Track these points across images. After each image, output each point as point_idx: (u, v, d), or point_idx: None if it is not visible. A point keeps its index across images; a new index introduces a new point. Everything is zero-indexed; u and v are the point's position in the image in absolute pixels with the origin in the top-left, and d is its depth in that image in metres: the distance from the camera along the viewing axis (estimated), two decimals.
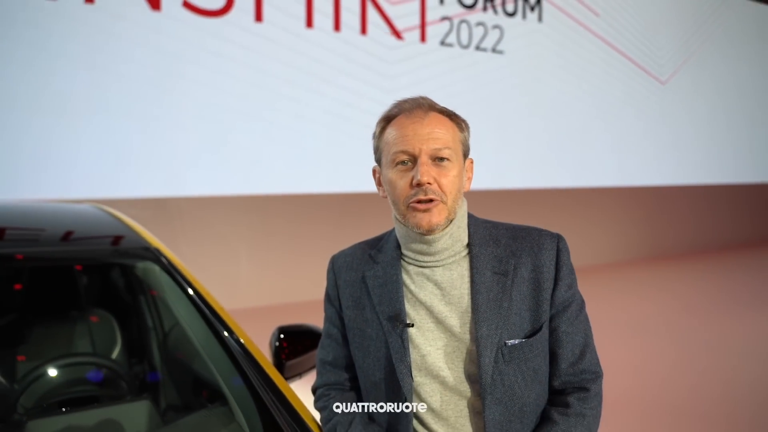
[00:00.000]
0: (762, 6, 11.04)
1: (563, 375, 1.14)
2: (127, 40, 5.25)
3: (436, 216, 1.07)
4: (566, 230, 1.19)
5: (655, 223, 9.72)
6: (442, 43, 7.08)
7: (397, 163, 1.09)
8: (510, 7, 7.63)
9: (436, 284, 1.13)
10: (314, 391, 1.27)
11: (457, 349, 1.11)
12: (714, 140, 10.30)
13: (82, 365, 1.60)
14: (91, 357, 1.69)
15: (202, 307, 1.54)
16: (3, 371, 1.61)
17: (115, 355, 1.75)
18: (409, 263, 1.15)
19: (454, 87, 7.08)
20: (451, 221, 1.11)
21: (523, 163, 7.88)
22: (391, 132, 1.10)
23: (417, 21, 6.88)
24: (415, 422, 1.14)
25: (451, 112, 1.13)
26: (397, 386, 1.11)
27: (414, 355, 1.11)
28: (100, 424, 1.26)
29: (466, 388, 1.10)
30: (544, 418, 1.13)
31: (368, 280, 1.17)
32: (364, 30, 6.53)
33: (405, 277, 1.15)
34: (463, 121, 1.14)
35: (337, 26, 6.35)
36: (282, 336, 1.70)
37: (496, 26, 7.52)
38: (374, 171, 1.18)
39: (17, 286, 1.88)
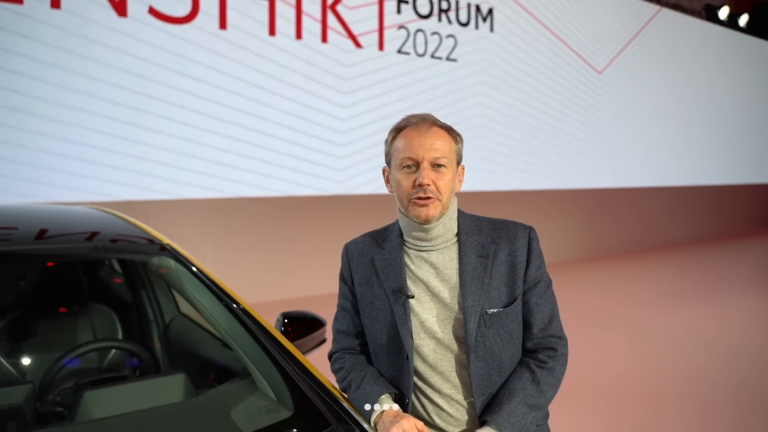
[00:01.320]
0: (696, 20, 11.88)
1: (535, 338, 1.41)
2: (93, 45, 5.32)
3: (432, 210, 1.34)
4: None
5: (597, 224, 10.31)
6: (399, 51, 7.39)
7: (404, 167, 1.35)
8: (463, 18, 8.02)
9: (432, 265, 1.40)
10: (330, 356, 1.53)
11: (448, 316, 1.38)
12: (651, 146, 11.02)
13: (120, 349, 1.79)
14: (126, 343, 1.88)
15: (218, 292, 1.76)
16: (46, 354, 1.79)
17: (139, 338, 1.94)
18: (410, 248, 1.42)
19: (408, 90, 7.37)
20: (444, 215, 1.38)
21: (474, 166, 8.25)
22: (400, 141, 1.37)
23: (375, 27, 7.17)
24: (414, 378, 1.40)
25: (449, 127, 1.40)
26: (399, 346, 1.38)
27: (414, 321, 1.38)
28: (144, 394, 1.46)
29: (455, 347, 1.37)
30: (523, 367, 1.39)
31: (376, 262, 1.43)
32: (324, 38, 6.77)
33: (406, 259, 1.42)
34: (458, 135, 1.41)
35: (299, 35, 6.57)
36: (286, 321, 1.95)
37: (450, 35, 7.89)
38: (384, 171, 1.45)
39: (43, 282, 2.04)
